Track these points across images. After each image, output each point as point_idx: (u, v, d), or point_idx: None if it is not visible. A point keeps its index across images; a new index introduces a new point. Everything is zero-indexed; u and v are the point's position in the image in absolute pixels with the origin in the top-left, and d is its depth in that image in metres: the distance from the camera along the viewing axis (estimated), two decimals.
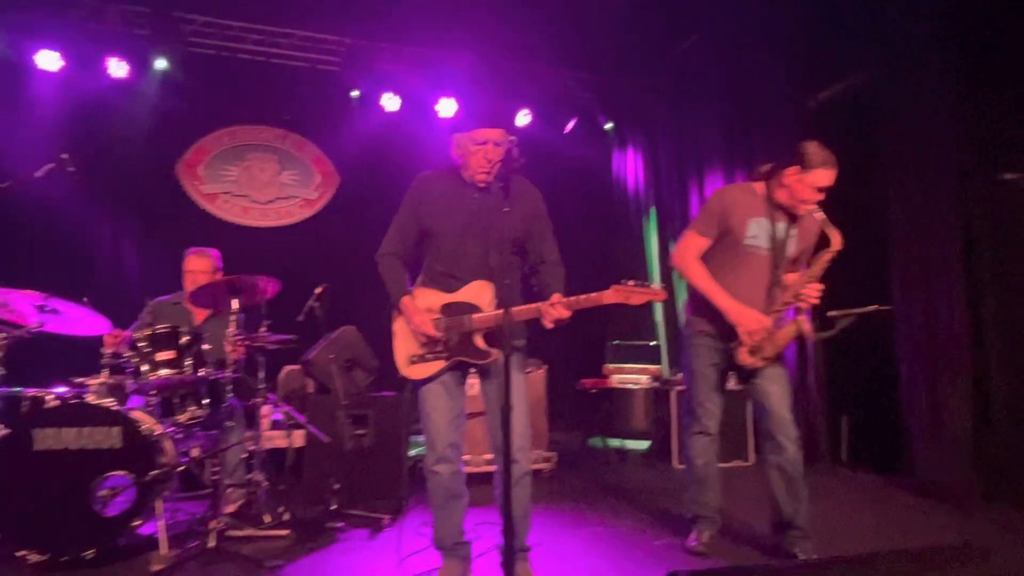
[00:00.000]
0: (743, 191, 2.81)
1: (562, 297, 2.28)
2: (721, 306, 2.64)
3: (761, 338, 2.60)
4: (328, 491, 3.52)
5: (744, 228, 2.70)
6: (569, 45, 6.50)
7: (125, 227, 6.05)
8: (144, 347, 3.06)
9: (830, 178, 2.57)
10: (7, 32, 5.66)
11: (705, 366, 2.83)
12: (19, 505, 2.70)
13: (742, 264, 2.72)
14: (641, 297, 2.28)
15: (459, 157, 2.45)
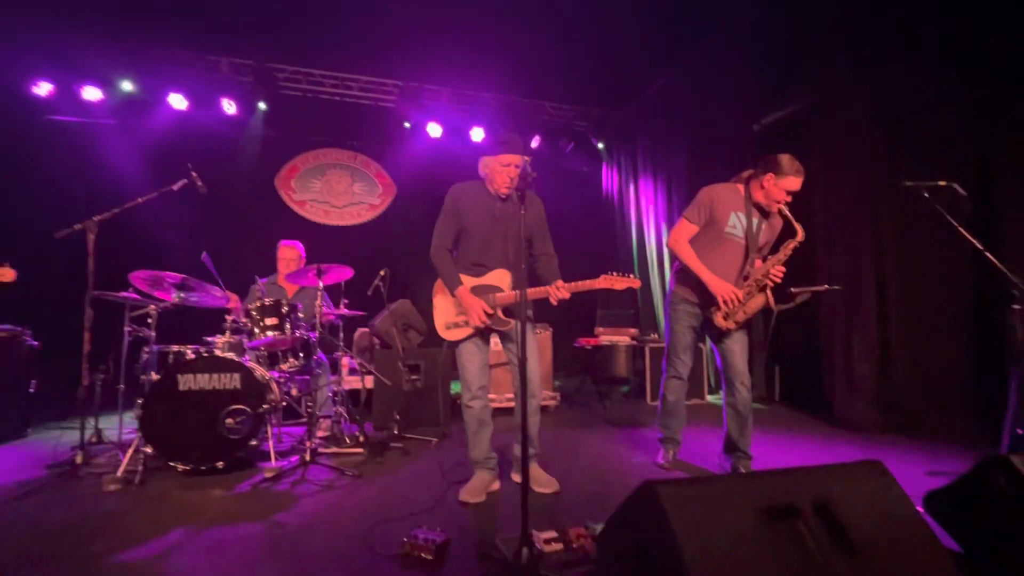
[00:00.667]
0: (728, 189, 2.73)
1: (564, 282, 2.35)
2: (705, 279, 2.61)
3: (734, 306, 2.59)
4: (391, 420, 3.60)
5: (726, 219, 2.66)
6: (568, 85, 6.43)
7: (237, 225, 6.13)
8: (255, 315, 3.10)
9: (799, 184, 2.54)
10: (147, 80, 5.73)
11: (684, 328, 2.81)
12: (169, 429, 2.75)
13: (721, 248, 2.68)
14: (623, 284, 2.35)
15: (486, 174, 2.48)
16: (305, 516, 2.24)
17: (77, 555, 1.87)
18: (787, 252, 2.59)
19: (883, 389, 3.79)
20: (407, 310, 4.13)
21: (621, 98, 6.66)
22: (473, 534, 2.04)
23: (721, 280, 2.60)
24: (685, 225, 2.74)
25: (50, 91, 5.50)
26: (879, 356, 3.81)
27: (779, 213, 2.63)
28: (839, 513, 1.23)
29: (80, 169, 5.70)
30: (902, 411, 3.67)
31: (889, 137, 3.79)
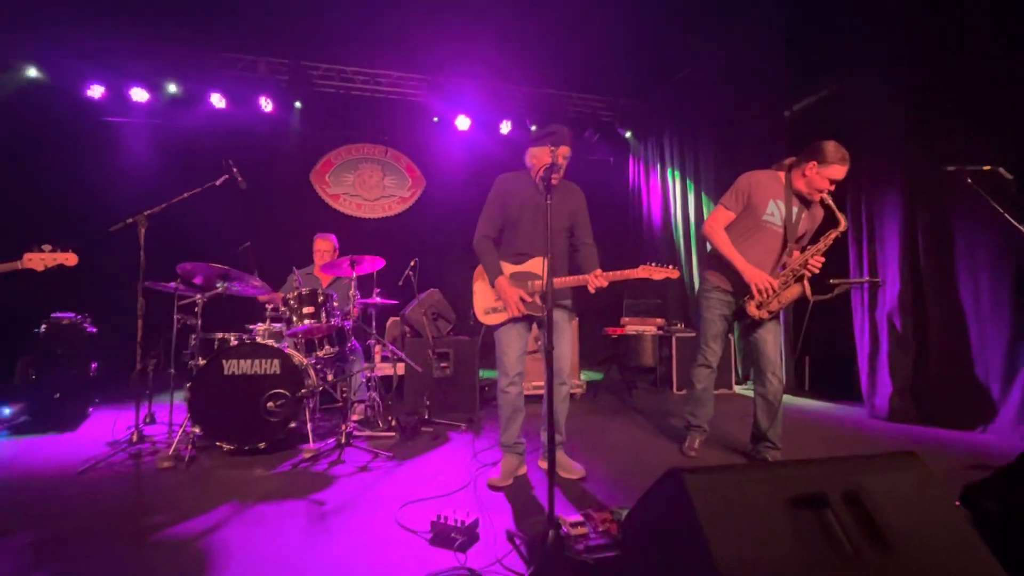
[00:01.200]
0: (768, 176, 2.63)
1: (602, 271, 2.33)
2: (739, 267, 2.53)
3: (768, 296, 2.51)
4: (422, 406, 3.65)
5: (764, 206, 2.57)
6: (594, 75, 6.33)
7: (274, 218, 6.28)
8: (293, 304, 3.16)
9: (843, 172, 2.42)
10: (190, 81, 5.90)
11: (716, 316, 2.74)
12: (215, 411, 2.85)
13: (758, 235, 2.59)
14: (661, 274, 2.32)
15: (532, 164, 2.46)
16: (342, 495, 2.30)
17: (134, 527, 1.97)
18: (827, 242, 2.49)
19: (919, 379, 3.64)
20: (437, 300, 4.17)
21: (648, 87, 6.52)
22: (500, 516, 2.06)
23: (756, 268, 2.52)
24: (721, 212, 2.66)
25: (102, 94, 5.73)
26: (915, 346, 3.65)
27: (820, 203, 2.52)
28: (871, 504, 1.19)
29: (130, 167, 5.92)
30: (939, 402, 3.52)
31: (926, 122, 3.59)
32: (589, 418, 3.85)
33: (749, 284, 2.52)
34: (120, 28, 5.28)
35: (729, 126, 5.29)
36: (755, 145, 4.84)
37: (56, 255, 2.59)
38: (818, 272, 2.50)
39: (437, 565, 1.67)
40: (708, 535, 1.14)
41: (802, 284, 2.52)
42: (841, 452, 2.97)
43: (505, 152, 6.72)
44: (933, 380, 3.57)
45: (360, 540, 1.86)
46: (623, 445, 3.15)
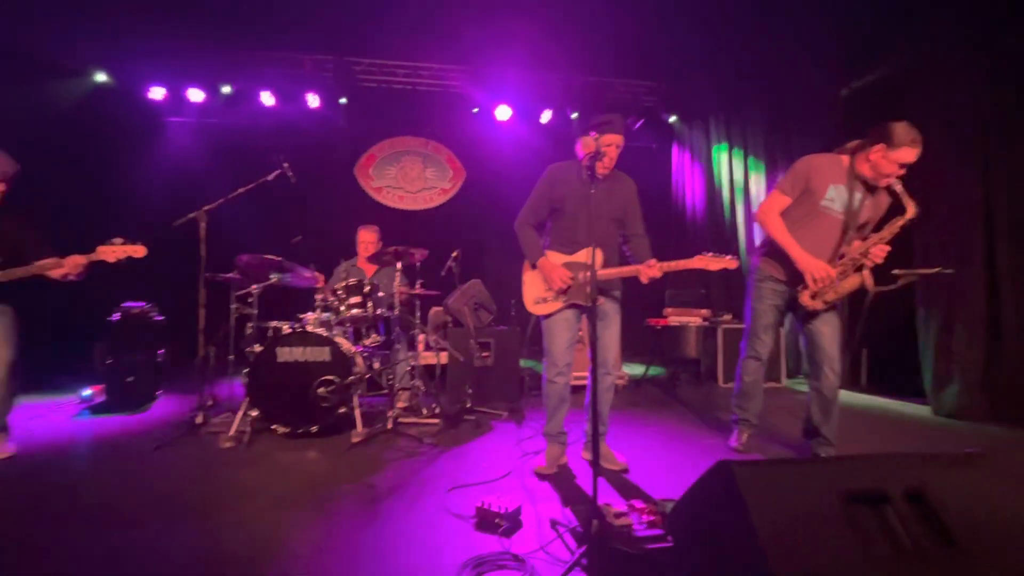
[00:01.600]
0: (829, 160, 2.49)
1: (656, 261, 2.29)
2: (793, 255, 2.42)
3: (825, 285, 2.39)
4: (464, 394, 3.71)
5: (823, 191, 2.43)
6: (637, 60, 6.16)
7: (321, 211, 6.47)
8: (341, 294, 3.28)
9: (914, 155, 2.25)
10: (241, 80, 6.15)
11: (767, 306, 2.63)
12: (270, 396, 2.99)
13: (815, 222, 2.45)
14: (718, 264, 2.28)
15: (584, 153, 2.44)
16: (389, 479, 2.38)
17: (201, 501, 2.11)
18: (893, 230, 2.33)
19: (991, 375, 3.40)
20: (478, 290, 4.21)
21: (693, 70, 6.29)
22: (544, 504, 2.09)
23: (811, 257, 2.40)
24: (776, 196, 2.53)
25: (163, 95, 6.06)
26: (987, 338, 3.41)
27: (887, 189, 2.37)
28: (937, 503, 1.13)
29: (190, 164, 6.26)
30: (1015, 399, 3.28)
31: (1005, 102, 3.30)
32: (631, 410, 3.81)
33: (803, 273, 2.41)
34: (178, 32, 5.55)
35: (781, 107, 5.06)
36: (809, 127, 4.61)
37: (126, 248, 2.77)
38: (881, 262, 2.36)
39: (482, 549, 1.70)
40: (759, 529, 1.12)
41: (862, 274, 2.38)
42: (902, 450, 2.84)
43: (546, 142, 6.68)
44: (1008, 375, 3.33)
45: (408, 523, 1.92)
46: (666, 437, 3.11)
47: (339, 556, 1.68)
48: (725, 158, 5.98)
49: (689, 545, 1.46)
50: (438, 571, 1.58)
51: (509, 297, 3.90)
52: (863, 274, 2.39)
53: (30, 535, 1.81)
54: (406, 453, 2.76)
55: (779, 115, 5.07)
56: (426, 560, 1.65)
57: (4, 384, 2.66)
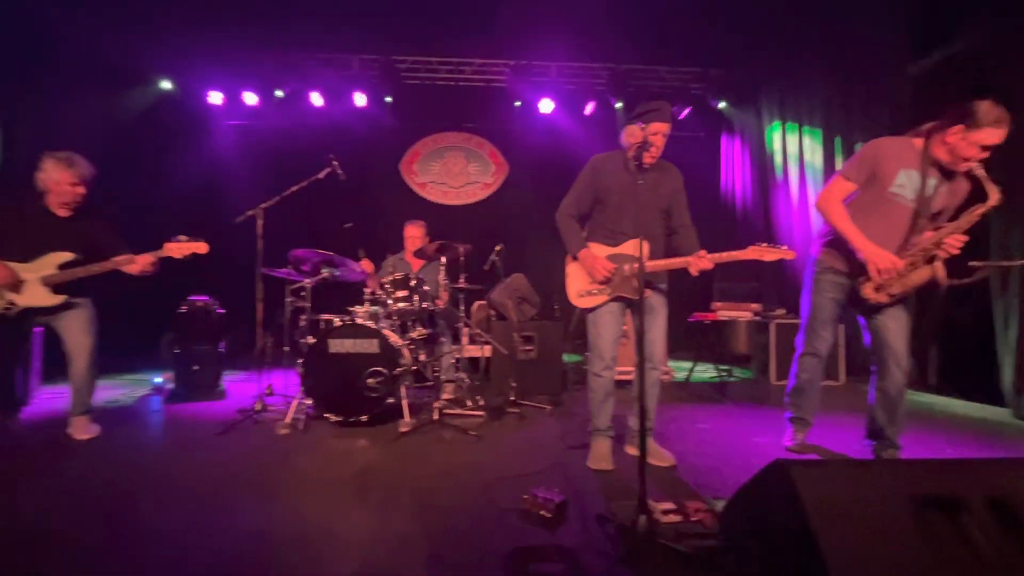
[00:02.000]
0: (900, 143, 2.31)
1: (707, 252, 2.23)
2: (856, 245, 2.26)
3: (890, 277, 2.23)
4: (507, 387, 3.74)
5: (892, 177, 2.26)
6: (682, 46, 5.97)
7: (369, 207, 6.65)
8: (388, 288, 3.36)
9: (1000, 136, 2.05)
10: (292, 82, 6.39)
11: (826, 299, 2.49)
12: (323, 385, 3.12)
13: (883, 209, 2.28)
14: (773, 255, 2.21)
15: (629, 143, 2.40)
16: (435, 468, 2.43)
17: (262, 483, 2.23)
18: (971, 219, 2.14)
19: None
20: (521, 284, 4.22)
21: (744, 53, 6.03)
22: (587, 498, 2.08)
23: (875, 246, 2.23)
24: (839, 183, 2.37)
25: (221, 100, 6.38)
26: None
27: (967, 174, 2.17)
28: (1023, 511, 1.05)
29: (246, 164, 6.58)
30: None
31: None
32: (678, 406, 3.73)
33: (866, 264, 2.26)
34: (235, 40, 5.83)
35: (842, 88, 4.77)
36: (874, 108, 4.33)
37: (191, 244, 2.94)
38: (957, 253, 2.18)
39: (526, 541, 1.72)
40: (818, 533, 1.08)
41: (934, 266, 2.22)
42: (976, 455, 2.65)
43: (589, 133, 6.59)
44: None
45: (453, 513, 1.96)
46: (715, 435, 3.03)
47: (387, 542, 1.73)
48: (780, 144, 5.71)
49: (741, 546, 1.42)
50: (483, 561, 1.60)
51: (552, 291, 3.89)
52: (935, 266, 2.22)
53: (111, 509, 1.96)
54: (452, 444, 2.81)
55: (841, 96, 4.79)
56: (472, 550, 1.67)
57: (87, 370, 2.89)
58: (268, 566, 1.57)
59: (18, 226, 2.84)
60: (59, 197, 2.87)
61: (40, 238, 2.84)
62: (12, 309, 2.79)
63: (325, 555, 1.64)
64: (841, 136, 4.78)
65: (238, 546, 1.69)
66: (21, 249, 2.81)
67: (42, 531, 1.78)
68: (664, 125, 2.34)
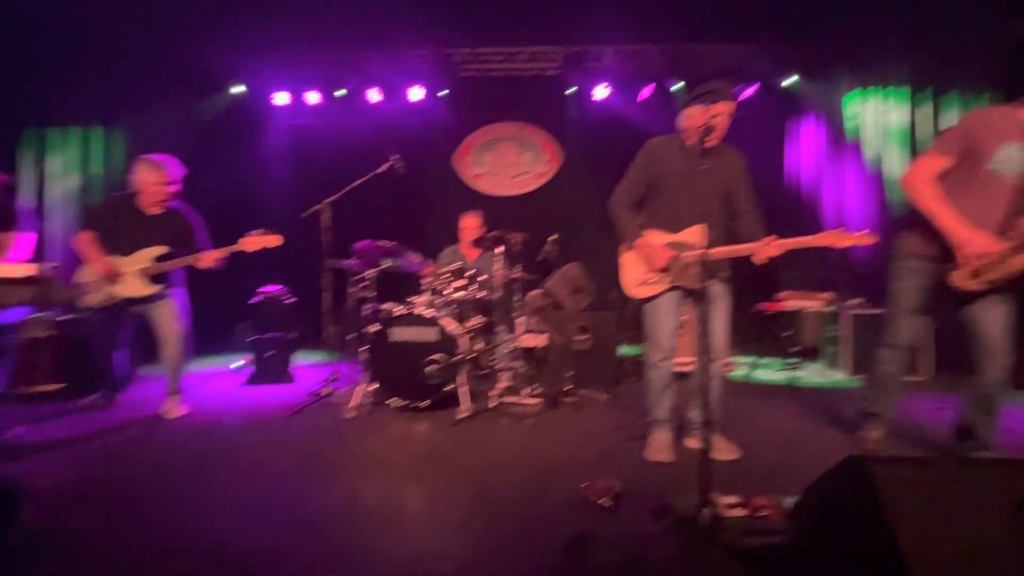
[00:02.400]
0: (1001, 115, 2.10)
1: (775, 238, 2.14)
2: (948, 227, 2.05)
3: (987, 262, 2.02)
4: (563, 377, 3.74)
5: (992, 152, 2.04)
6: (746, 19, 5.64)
7: (425, 200, 6.81)
8: (446, 278, 3.46)
9: None
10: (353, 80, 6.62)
11: (908, 287, 2.31)
12: (386, 372, 3.25)
13: (980, 188, 2.07)
14: (848, 240, 2.08)
15: (687, 126, 2.33)
16: (493, 454, 2.49)
17: (332, 462, 2.37)
18: None
19: None
20: (576, 274, 4.19)
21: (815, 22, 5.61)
22: (645, 490, 2.05)
23: (968, 228, 2.03)
24: (930, 159, 2.16)
25: (288, 99, 6.72)
26: None
27: None
28: None
29: (311, 161, 6.90)
30: None
31: None
32: (742, 399, 3.60)
33: (957, 248, 2.06)
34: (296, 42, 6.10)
35: (929, 57, 4.35)
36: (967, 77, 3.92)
37: (264, 238, 3.15)
38: None
39: (583, 528, 1.73)
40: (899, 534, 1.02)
41: None
42: None
43: (644, 118, 6.40)
44: None
45: (511, 497, 2.00)
46: (781, 430, 2.90)
47: (448, 523, 1.80)
48: (859, 119, 5.28)
49: (812, 544, 1.37)
50: (541, 546, 1.63)
51: (607, 280, 3.84)
52: None
53: (199, 480, 2.15)
54: (508, 431, 2.86)
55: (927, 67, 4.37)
56: (530, 535, 1.71)
57: (179, 354, 3.17)
58: (338, 538, 1.68)
59: (117, 224, 3.14)
60: (150, 197, 3.14)
61: (135, 234, 3.12)
62: (113, 299, 3.10)
63: (391, 531, 1.73)
64: (932, 106, 4.36)
65: (310, 518, 1.81)
66: (120, 245, 3.11)
67: (138, 498, 1.98)
68: (727, 105, 2.25)
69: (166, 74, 5.74)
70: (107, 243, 3.12)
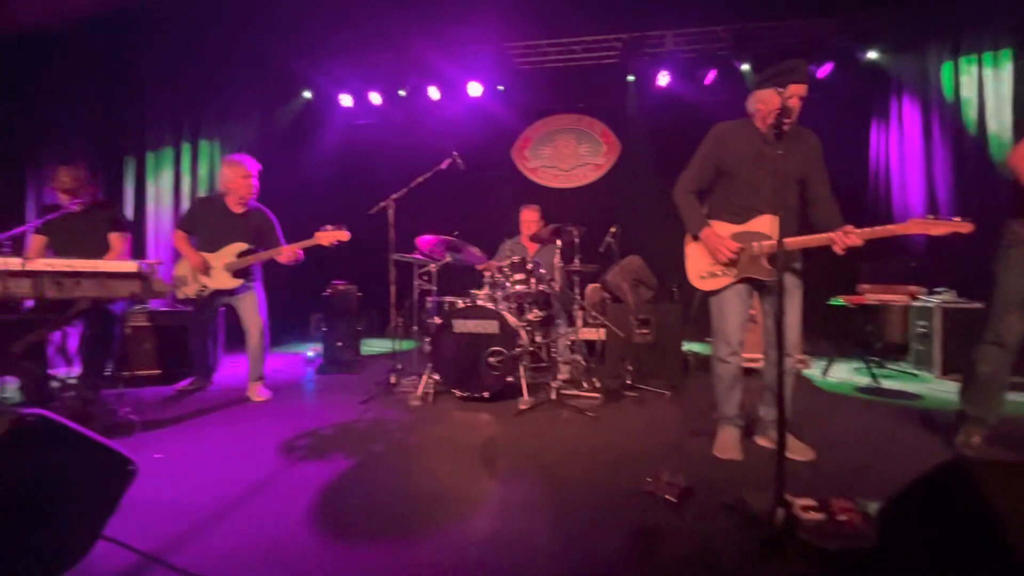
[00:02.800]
0: None
1: (854, 227, 2.01)
2: None
3: None
4: (623, 370, 3.70)
5: None
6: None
7: (485, 194, 6.89)
8: (506, 271, 3.50)
9: None
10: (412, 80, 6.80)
11: (1016, 277, 2.13)
12: (449, 363, 3.32)
13: None
14: (942, 229, 1.92)
15: (758, 110, 2.24)
16: (555, 445, 2.50)
17: (401, 446, 2.48)
18: None
19: None
20: (638, 266, 4.11)
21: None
22: (713, 486, 1.99)
23: None
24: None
25: (350, 101, 7.01)
26: None
27: None
28: None
29: (375, 159, 7.17)
30: None
31: None
32: (817, 398, 3.41)
33: None
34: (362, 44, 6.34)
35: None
36: None
37: (336, 233, 3.32)
38: None
39: (651, 519, 1.70)
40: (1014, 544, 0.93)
41: None
42: None
43: (709, 104, 6.12)
44: None
45: (575, 487, 2.01)
46: (863, 431, 2.72)
47: (513, 508, 1.83)
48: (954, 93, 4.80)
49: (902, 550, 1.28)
50: (607, 535, 1.63)
51: (670, 272, 3.74)
52: None
53: (279, 460, 2.31)
54: (570, 423, 2.86)
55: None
56: (595, 524, 1.71)
57: (260, 343, 3.41)
58: (411, 519, 1.75)
59: (207, 223, 3.42)
60: (235, 194, 3.39)
61: (222, 231, 3.39)
62: (205, 291, 3.37)
63: (460, 513, 1.78)
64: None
65: (383, 499, 1.90)
66: (209, 241, 3.39)
67: (220, 475, 2.15)
68: (802, 86, 2.12)
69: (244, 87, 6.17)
70: (198, 240, 3.41)
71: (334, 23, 5.83)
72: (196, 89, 5.83)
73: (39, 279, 2.48)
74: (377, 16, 5.81)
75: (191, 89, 5.79)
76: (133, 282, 2.67)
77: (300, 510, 1.80)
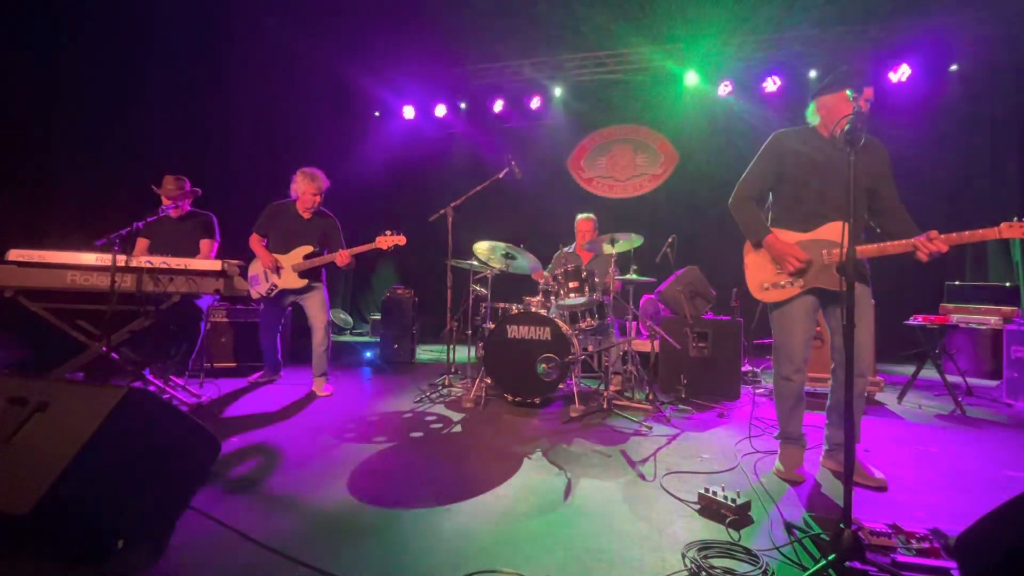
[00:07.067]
0: None
1: (938, 233, 1.92)
2: None
3: None
4: (678, 383, 3.62)
5: None
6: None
7: (541, 204, 6.91)
8: (560, 279, 3.51)
9: None
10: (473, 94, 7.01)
11: None
12: (503, 368, 3.38)
13: None
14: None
15: (823, 116, 2.19)
16: (606, 452, 2.48)
17: (453, 446, 2.55)
18: None
19: None
20: (695, 277, 4.02)
21: None
22: (775, 505, 1.92)
23: None
24: None
25: (413, 114, 7.32)
26: None
27: None
28: None
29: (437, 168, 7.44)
30: None
31: None
32: (891, 422, 3.19)
33: None
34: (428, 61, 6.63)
35: None
36: None
37: (394, 238, 3.50)
38: None
39: (707, 535, 1.67)
40: None
41: None
42: None
43: (768, 113, 5.95)
44: None
45: (629, 495, 1.99)
46: (943, 460, 2.52)
47: (566, 509, 1.84)
48: None
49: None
50: (660, 544, 1.61)
51: (729, 284, 3.64)
52: None
53: (338, 451, 2.44)
54: (621, 432, 2.83)
55: None
56: (649, 532, 1.69)
57: (325, 340, 3.61)
58: (464, 508, 1.80)
59: (278, 226, 3.67)
60: (303, 203, 3.63)
61: (291, 234, 3.63)
62: (274, 290, 3.62)
63: (516, 510, 1.82)
64: None
65: (439, 489, 1.96)
66: (280, 243, 3.64)
67: (294, 458, 2.29)
68: (871, 90, 2.06)
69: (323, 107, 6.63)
70: (270, 242, 3.67)
71: (399, 42, 6.15)
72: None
73: (140, 274, 2.77)
74: (437, 36, 6.07)
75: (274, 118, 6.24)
76: (217, 280, 2.92)
77: (362, 491, 1.90)
